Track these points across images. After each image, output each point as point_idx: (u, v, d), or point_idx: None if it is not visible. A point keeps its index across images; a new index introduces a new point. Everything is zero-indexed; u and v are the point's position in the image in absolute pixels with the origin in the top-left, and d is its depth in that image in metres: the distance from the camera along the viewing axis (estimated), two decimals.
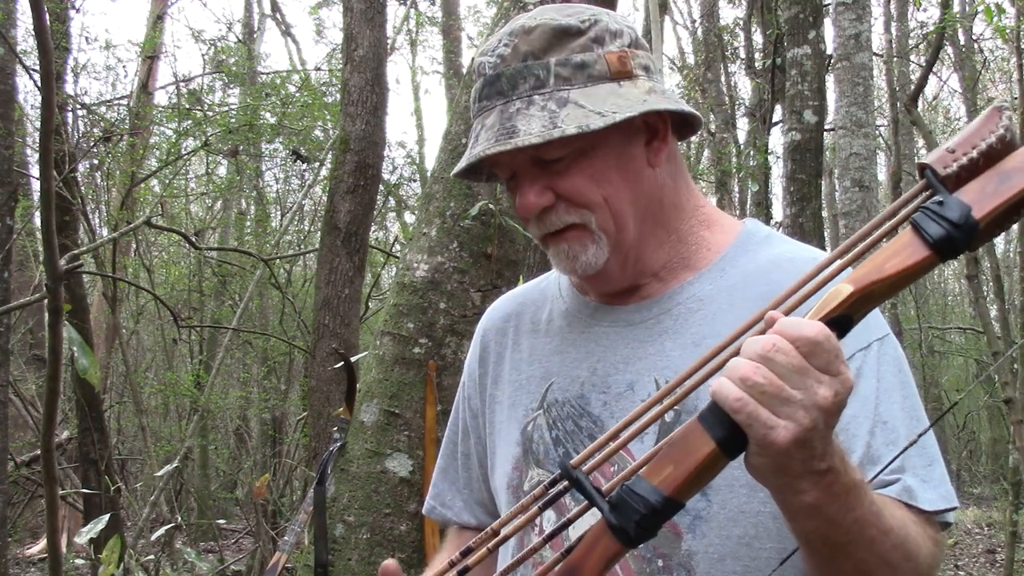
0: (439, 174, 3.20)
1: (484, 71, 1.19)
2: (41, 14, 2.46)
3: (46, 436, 2.76)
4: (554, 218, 1.18)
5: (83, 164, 8.45)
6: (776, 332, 0.85)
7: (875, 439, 1.09)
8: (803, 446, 0.84)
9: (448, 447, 1.47)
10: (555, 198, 1.17)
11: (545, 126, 1.12)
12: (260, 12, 15.09)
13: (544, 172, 1.17)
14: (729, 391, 0.84)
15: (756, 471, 0.88)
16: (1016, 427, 6.00)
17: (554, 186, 1.17)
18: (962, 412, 16.34)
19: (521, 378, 1.32)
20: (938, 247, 0.84)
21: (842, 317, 0.86)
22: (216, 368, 9.41)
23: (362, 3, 5.91)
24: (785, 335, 0.84)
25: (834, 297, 0.86)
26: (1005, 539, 7.08)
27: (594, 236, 1.18)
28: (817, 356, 0.84)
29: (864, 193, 6.07)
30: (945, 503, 1.09)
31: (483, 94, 1.19)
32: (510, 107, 1.16)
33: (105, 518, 3.74)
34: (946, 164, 0.87)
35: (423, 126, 32.72)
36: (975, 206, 0.84)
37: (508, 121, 1.14)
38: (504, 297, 1.47)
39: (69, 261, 4.11)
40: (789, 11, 6.28)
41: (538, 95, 1.15)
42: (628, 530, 0.83)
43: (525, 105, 1.15)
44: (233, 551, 9.28)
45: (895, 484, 1.07)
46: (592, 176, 1.17)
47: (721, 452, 0.84)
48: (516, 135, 1.13)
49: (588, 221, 1.18)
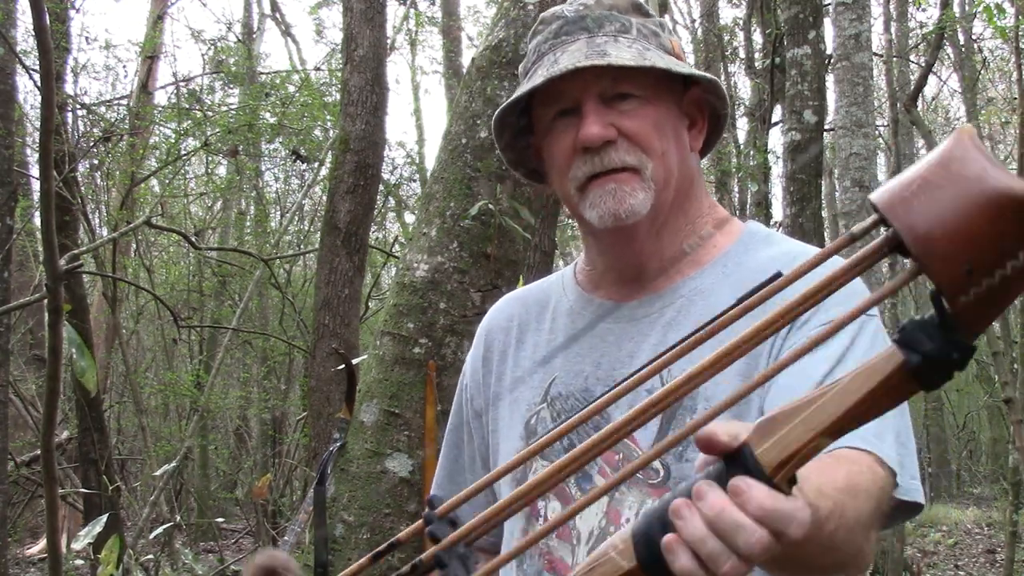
0: (439, 174, 3.20)
1: (563, 15, 1.25)
2: (41, 14, 2.45)
3: (46, 436, 2.76)
4: (613, 155, 1.20)
5: (83, 164, 8.45)
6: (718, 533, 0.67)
7: (830, 379, 1.04)
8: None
9: (451, 451, 1.46)
10: (618, 135, 1.20)
11: (635, 57, 1.18)
12: (260, 12, 15.10)
13: (610, 111, 1.20)
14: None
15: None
16: (1016, 427, 6.00)
17: (619, 124, 1.20)
18: (962, 412, 16.35)
19: (524, 374, 1.33)
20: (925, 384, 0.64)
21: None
22: (216, 368, 9.41)
23: (362, 3, 5.91)
24: (724, 540, 0.67)
25: (812, 451, 0.66)
26: (1005, 539, 7.08)
27: (645, 184, 1.20)
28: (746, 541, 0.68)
29: (864, 193, 6.06)
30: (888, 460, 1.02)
31: (564, 30, 1.24)
32: (596, 39, 1.21)
33: (103, 519, 3.74)
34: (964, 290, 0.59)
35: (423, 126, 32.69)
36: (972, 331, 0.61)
37: (598, 47, 1.19)
38: (507, 297, 1.47)
39: (69, 261, 4.11)
40: (789, 11, 6.28)
41: (624, 37, 1.22)
42: None
43: (612, 40, 1.21)
44: (233, 551, 9.27)
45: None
46: (655, 125, 1.21)
47: None
48: (608, 56, 1.17)
49: (645, 167, 1.20)
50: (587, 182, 1.22)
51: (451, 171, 3.13)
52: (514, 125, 1.30)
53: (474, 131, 3.13)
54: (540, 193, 3.25)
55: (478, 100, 3.16)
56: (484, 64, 3.22)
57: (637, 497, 1.17)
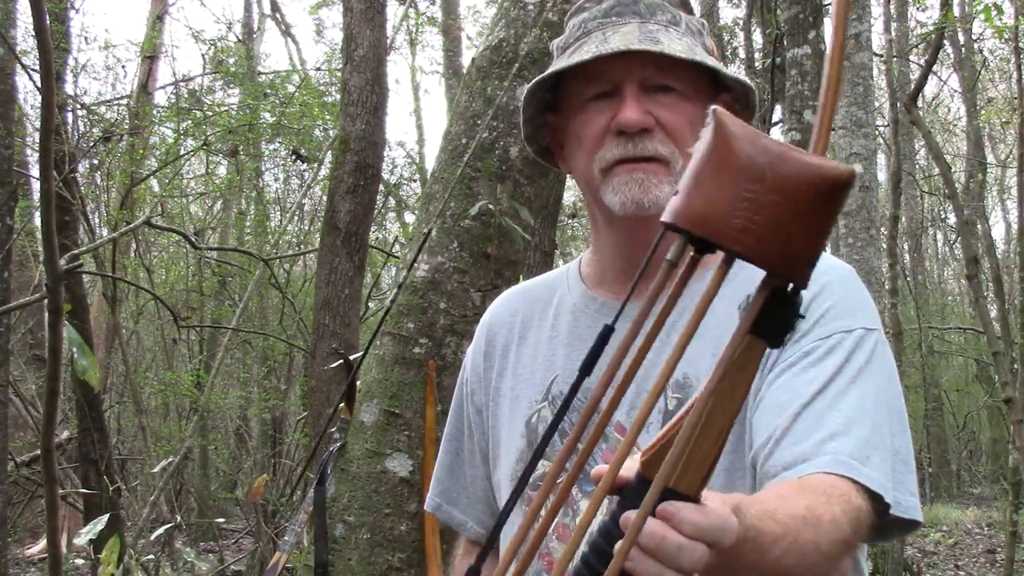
0: (439, 174, 3.20)
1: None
2: (41, 14, 2.46)
3: (46, 436, 2.76)
4: (648, 144, 1.19)
5: (83, 164, 8.44)
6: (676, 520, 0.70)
7: (820, 400, 1.05)
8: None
9: (451, 444, 1.46)
10: (655, 124, 1.20)
11: (686, 50, 1.17)
12: (260, 12, 15.10)
13: (649, 99, 1.20)
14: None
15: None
16: (1016, 427, 6.00)
17: (657, 114, 1.20)
18: (962, 412, 16.34)
19: (526, 371, 1.33)
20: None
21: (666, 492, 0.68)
22: (216, 368, 9.40)
23: (362, 3, 5.90)
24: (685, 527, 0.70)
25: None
26: (1005, 539, 7.08)
27: (672, 178, 1.19)
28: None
29: (864, 193, 6.07)
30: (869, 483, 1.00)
31: (615, 11, 1.23)
32: (648, 25, 1.21)
33: (104, 518, 3.74)
34: None
35: (423, 126, 32.75)
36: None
37: (651, 33, 1.19)
38: (510, 291, 1.46)
39: (69, 261, 4.11)
40: (789, 11, 6.28)
41: (674, 29, 1.22)
42: None
43: (664, 29, 1.21)
44: (233, 551, 9.27)
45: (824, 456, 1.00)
46: (691, 122, 1.20)
47: None
48: (661, 44, 1.17)
49: (675, 161, 1.20)
50: (614, 165, 1.21)
51: (451, 171, 3.13)
52: (540, 99, 1.29)
53: (474, 131, 3.13)
54: (540, 193, 3.25)
55: (478, 100, 3.16)
56: (484, 64, 3.22)
57: None
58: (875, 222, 6.11)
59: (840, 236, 6.25)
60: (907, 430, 1.13)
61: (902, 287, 11.75)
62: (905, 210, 13.54)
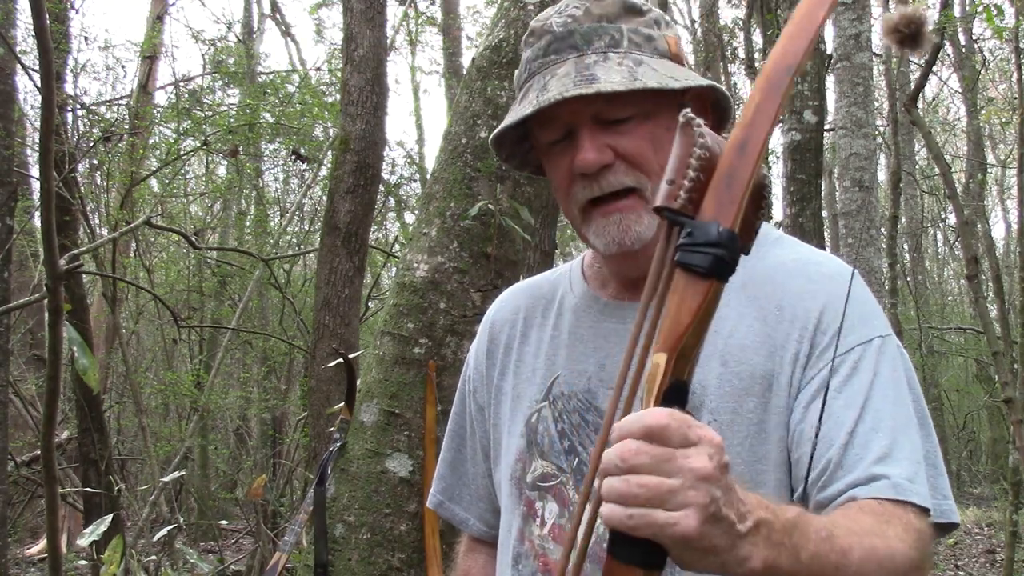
0: (439, 174, 3.20)
1: (551, 29, 1.20)
2: (41, 14, 2.45)
3: (46, 436, 2.76)
4: (612, 178, 1.17)
5: (83, 164, 8.44)
6: (621, 437, 0.82)
7: (862, 425, 1.08)
8: (716, 520, 0.81)
9: (453, 441, 1.46)
10: (615, 157, 1.17)
11: (625, 78, 1.13)
12: (260, 12, 15.10)
13: (605, 131, 1.17)
14: (619, 514, 0.81)
15: (691, 565, 0.84)
16: (1016, 427, 6.00)
17: (615, 145, 1.17)
18: (962, 412, 16.34)
19: (527, 370, 1.33)
20: (712, 273, 0.83)
21: (673, 385, 0.83)
22: (216, 368, 9.41)
23: (362, 3, 5.90)
24: (631, 435, 0.81)
25: (655, 373, 0.84)
26: (1005, 539, 7.08)
27: (648, 205, 1.17)
28: (671, 437, 0.81)
29: (864, 193, 6.07)
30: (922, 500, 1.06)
31: (552, 49, 1.19)
32: (585, 59, 1.17)
33: (108, 519, 3.74)
34: (675, 197, 0.85)
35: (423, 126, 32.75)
36: (720, 218, 0.83)
37: (586, 70, 1.15)
38: (512, 289, 1.46)
39: (69, 261, 4.11)
40: (789, 11, 6.28)
41: (614, 52, 1.17)
42: None
43: (602, 59, 1.16)
44: (233, 551, 9.27)
45: (878, 482, 1.05)
46: (652, 141, 1.17)
47: (648, 570, 0.82)
48: (596, 82, 1.13)
49: (644, 187, 1.17)
50: (587, 206, 1.20)
51: (451, 171, 3.13)
52: (512, 134, 1.27)
53: (474, 131, 3.13)
54: (540, 193, 3.25)
55: (478, 100, 3.16)
56: (484, 64, 3.22)
57: None
58: (875, 222, 6.11)
59: (840, 236, 6.25)
60: (932, 430, 1.15)
61: (902, 287, 11.75)
62: (905, 210, 13.54)
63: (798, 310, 1.16)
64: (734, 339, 1.16)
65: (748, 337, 1.16)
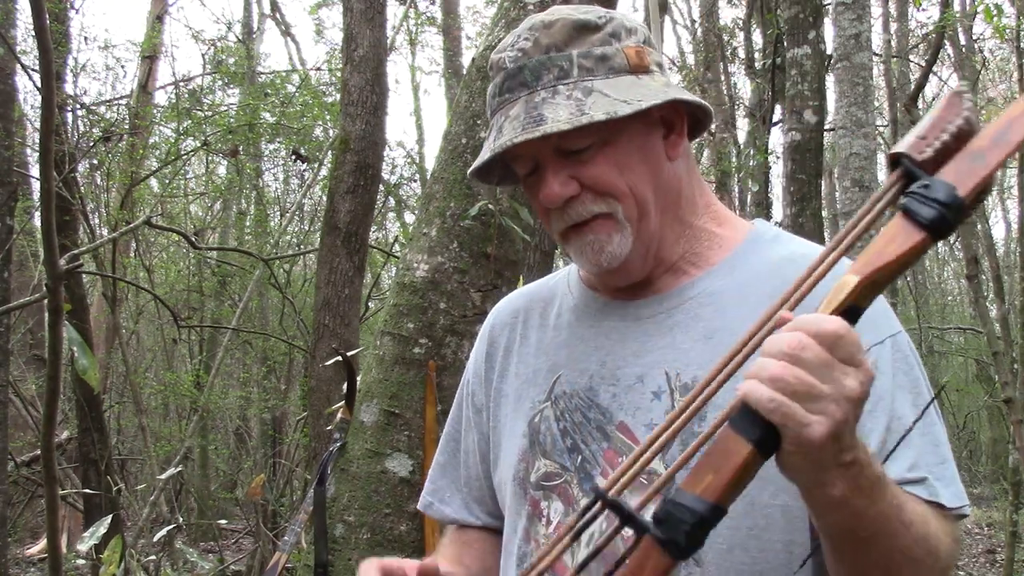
0: (439, 174, 3.20)
1: (504, 65, 1.20)
2: (41, 14, 2.45)
3: (46, 436, 2.76)
4: (580, 208, 1.18)
5: (83, 164, 8.44)
6: (797, 329, 0.86)
7: (891, 435, 1.10)
8: (836, 439, 0.86)
9: (448, 444, 1.46)
10: (580, 188, 1.18)
11: (573, 113, 1.13)
12: (260, 12, 15.10)
13: (568, 162, 1.17)
14: (761, 393, 0.85)
15: (788, 468, 0.89)
16: (1016, 427, 6.01)
17: (579, 175, 1.17)
18: (962, 412, 16.34)
19: (528, 371, 1.33)
20: (932, 227, 0.87)
21: (851, 307, 0.88)
22: (216, 368, 9.41)
23: (362, 3, 5.90)
24: (807, 331, 0.86)
25: (842, 288, 0.88)
26: (1005, 539, 7.08)
27: (619, 225, 1.18)
28: (840, 349, 0.85)
29: (864, 193, 6.06)
30: (959, 501, 1.11)
31: (504, 87, 1.20)
32: (535, 97, 1.16)
33: (107, 521, 3.74)
34: (920, 150, 0.90)
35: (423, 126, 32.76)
36: (959, 185, 0.88)
37: (534, 110, 1.15)
38: (512, 294, 1.47)
39: (69, 261, 4.11)
40: (789, 11, 6.28)
41: (563, 85, 1.16)
42: (678, 542, 0.84)
43: (551, 95, 1.16)
44: (233, 551, 9.28)
45: (919, 483, 1.08)
46: (617, 164, 1.17)
47: (758, 453, 0.86)
48: (544, 123, 1.13)
49: (615, 210, 1.18)
50: (565, 234, 1.21)
51: (451, 171, 3.13)
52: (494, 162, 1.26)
53: (474, 131, 3.14)
54: None
55: (478, 100, 3.16)
56: (484, 64, 3.22)
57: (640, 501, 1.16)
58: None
59: None
60: (941, 417, 1.17)
61: (902, 287, 11.75)
62: None
63: (808, 307, 1.16)
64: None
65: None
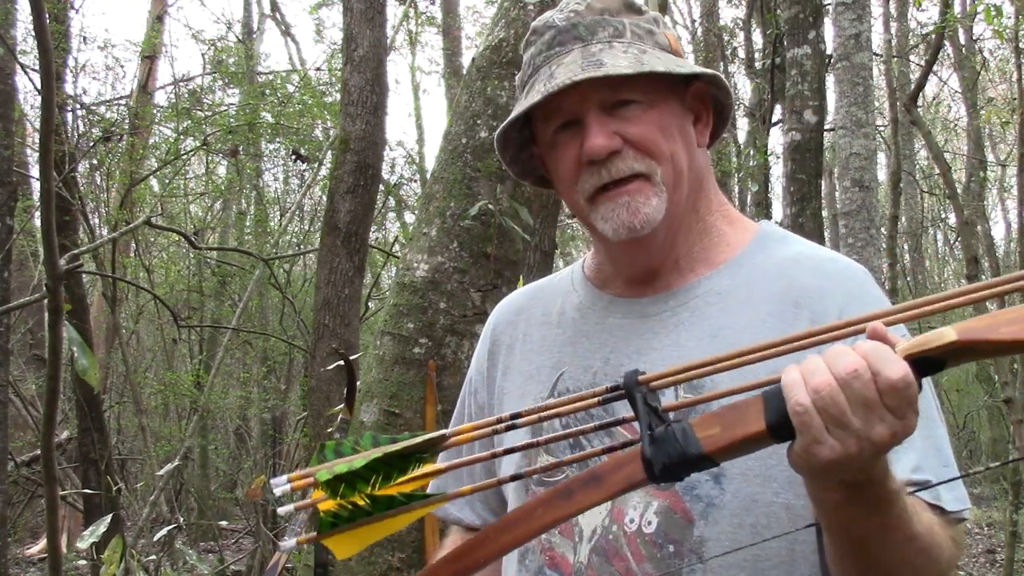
0: (439, 174, 3.20)
1: (555, 24, 1.22)
2: (41, 14, 2.45)
3: (46, 436, 2.76)
4: (621, 164, 1.17)
5: (83, 164, 8.44)
6: (868, 356, 0.85)
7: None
8: (840, 466, 0.87)
9: None
10: (623, 143, 1.17)
11: (632, 63, 1.15)
12: (260, 12, 15.10)
13: (611, 118, 1.18)
14: (797, 393, 0.85)
15: (793, 464, 0.90)
16: (1016, 427, 6.01)
17: (623, 131, 1.17)
18: (962, 412, 16.34)
19: (531, 368, 1.33)
20: None
21: (933, 361, 0.85)
22: (216, 368, 9.41)
23: (362, 3, 5.90)
24: (872, 364, 0.85)
25: (936, 339, 0.85)
26: (1005, 539, 7.08)
27: (656, 188, 1.18)
28: (891, 396, 0.84)
29: (864, 193, 6.06)
30: (961, 504, 1.11)
31: (556, 41, 1.21)
32: (591, 48, 1.18)
33: (106, 520, 3.73)
34: None
35: (423, 126, 32.75)
36: None
37: (592, 57, 1.17)
38: (516, 292, 1.47)
39: (69, 261, 4.11)
40: (789, 11, 6.28)
41: (618, 42, 1.19)
42: (655, 466, 0.86)
43: (607, 47, 1.18)
44: (233, 551, 9.27)
45: (922, 486, 1.08)
46: (660, 128, 1.18)
47: (768, 435, 0.87)
48: (604, 67, 1.14)
49: (653, 172, 1.18)
50: (596, 193, 1.20)
51: (451, 171, 3.13)
52: (516, 139, 1.28)
53: (474, 131, 3.13)
54: (540, 193, 3.25)
55: (478, 100, 3.16)
56: (484, 64, 3.22)
57: (642, 497, 1.16)
58: (875, 222, 6.10)
59: (840, 236, 6.25)
60: (937, 419, 1.16)
61: (902, 287, 11.75)
62: (905, 210, 13.54)
63: (816, 308, 1.16)
64: (747, 335, 1.15)
65: (762, 333, 1.15)
